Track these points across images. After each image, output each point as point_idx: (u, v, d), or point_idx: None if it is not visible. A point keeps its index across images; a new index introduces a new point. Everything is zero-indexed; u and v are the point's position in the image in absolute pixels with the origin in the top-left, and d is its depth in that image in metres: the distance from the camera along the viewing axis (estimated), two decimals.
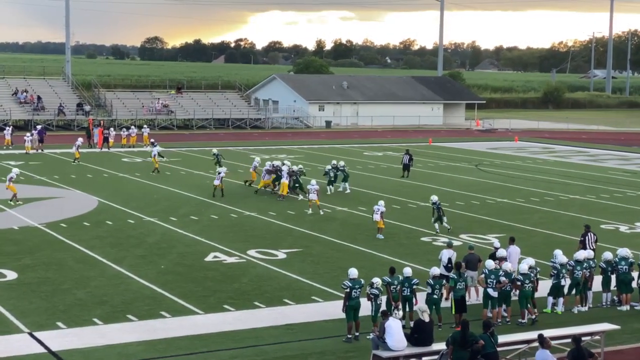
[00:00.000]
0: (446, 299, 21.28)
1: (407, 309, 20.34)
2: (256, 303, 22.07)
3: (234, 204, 36.65)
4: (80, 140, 51.55)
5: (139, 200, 37.31)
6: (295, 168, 40.23)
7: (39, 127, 60.51)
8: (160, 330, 19.84)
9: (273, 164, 40.47)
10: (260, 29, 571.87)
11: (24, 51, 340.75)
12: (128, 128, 64.99)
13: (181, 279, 24.28)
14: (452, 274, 21.00)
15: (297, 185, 39.36)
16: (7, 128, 60.77)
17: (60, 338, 19.09)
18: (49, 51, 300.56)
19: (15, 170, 36.97)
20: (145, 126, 65.39)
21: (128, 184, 42.24)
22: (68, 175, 43.80)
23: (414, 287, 20.43)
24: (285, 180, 38.32)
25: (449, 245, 23.59)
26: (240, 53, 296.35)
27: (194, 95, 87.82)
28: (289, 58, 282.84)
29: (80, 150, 50.67)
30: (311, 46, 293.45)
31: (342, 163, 41.72)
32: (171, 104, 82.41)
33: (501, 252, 22.61)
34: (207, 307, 21.61)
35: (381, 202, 31.55)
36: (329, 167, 41.07)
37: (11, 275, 24.23)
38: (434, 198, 31.93)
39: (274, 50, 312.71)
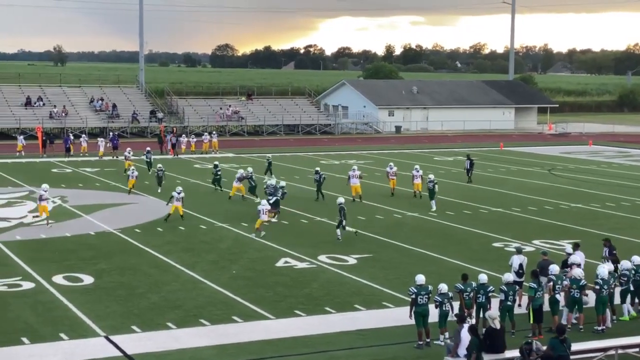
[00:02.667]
0: (519, 305, 21.01)
1: (482, 316, 20.09)
2: (327, 308, 22.12)
3: (304, 210, 36.79)
4: (129, 150, 50.26)
5: (211, 206, 37.73)
6: (245, 172, 39.99)
7: (111, 134, 61.76)
8: (232, 334, 20.03)
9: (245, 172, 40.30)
10: (329, 35, 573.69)
11: (99, 60, 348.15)
12: (200, 135, 65.82)
13: (252, 284, 24.47)
14: (531, 283, 20.47)
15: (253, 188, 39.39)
16: (83, 135, 62.11)
17: (135, 342, 19.42)
18: (123, 60, 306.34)
19: (45, 187, 34.14)
20: (213, 132, 66.09)
21: (200, 190, 42.73)
22: (142, 182, 44.54)
23: (490, 294, 20.18)
24: (236, 184, 39.12)
25: (519, 251, 23.26)
26: (309, 59, 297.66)
27: (264, 102, 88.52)
28: (359, 64, 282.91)
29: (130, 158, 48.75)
30: (380, 51, 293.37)
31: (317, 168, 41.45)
32: (242, 110, 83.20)
33: (574, 258, 22.23)
34: (278, 312, 21.73)
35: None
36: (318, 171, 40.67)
37: (88, 279, 24.74)
38: (340, 199, 31.50)
39: (343, 56, 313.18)
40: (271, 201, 33.53)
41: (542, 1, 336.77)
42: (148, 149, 48.63)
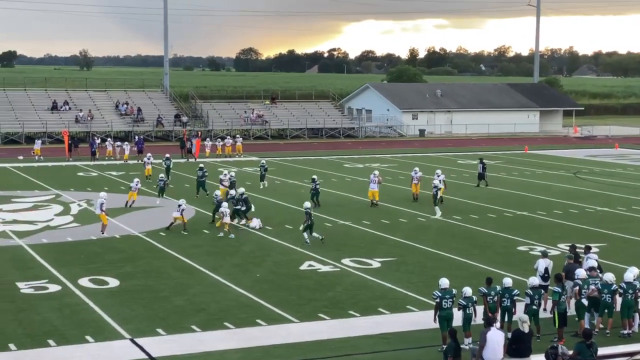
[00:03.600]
0: (544, 309, 20.90)
1: (506, 320, 20.00)
2: (351, 312, 22.11)
3: (328, 213, 36.81)
4: (149, 155, 49.57)
5: None
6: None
7: (136, 137, 62.19)
8: (257, 338, 20.07)
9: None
10: (353, 39, 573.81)
11: (124, 64, 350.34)
12: (223, 138, 66.08)
13: (276, 288, 24.51)
14: (555, 287, 20.32)
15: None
16: (109, 139, 62.55)
17: (160, 344, 19.51)
18: (148, 64, 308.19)
19: (103, 195, 33.18)
20: (238, 136, 66.33)
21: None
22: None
23: (515, 297, 20.09)
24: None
25: (545, 255, 23.11)
26: (333, 63, 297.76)
27: (288, 105, 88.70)
28: (382, 67, 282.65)
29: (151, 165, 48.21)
30: (404, 55, 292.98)
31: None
32: (266, 114, 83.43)
33: (590, 262, 21.97)
34: (302, 316, 21.76)
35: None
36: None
37: (113, 282, 24.90)
38: (307, 204, 31.43)
39: (367, 60, 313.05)
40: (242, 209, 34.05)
41: (567, 3, 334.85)
42: (167, 155, 48.62)
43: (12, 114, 74.77)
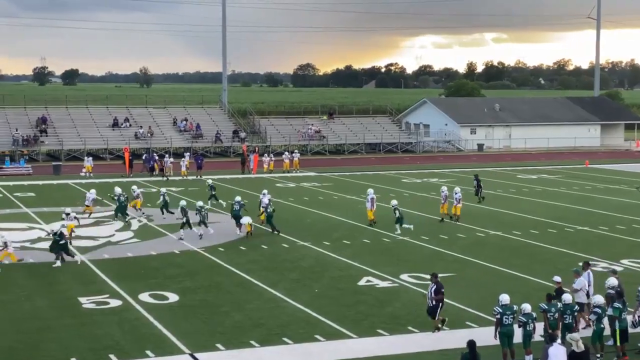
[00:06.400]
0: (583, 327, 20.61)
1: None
2: (410, 328, 21.96)
3: (387, 229, 36.69)
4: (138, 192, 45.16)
5: (293, 225, 37.91)
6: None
7: (187, 154, 62.84)
8: (316, 353, 20.05)
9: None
10: (411, 53, 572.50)
11: (183, 81, 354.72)
12: (281, 154, 66.43)
13: (335, 303, 24.47)
14: (615, 304, 19.89)
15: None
16: (166, 156, 63.28)
17: (219, 359, 19.59)
18: (207, 80, 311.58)
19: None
20: (295, 151, 66.62)
21: (282, 209, 42.98)
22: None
23: (576, 314, 19.72)
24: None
25: (614, 273, 22.58)
26: (390, 77, 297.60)
27: (345, 121, 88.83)
28: (440, 81, 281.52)
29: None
30: (462, 69, 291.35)
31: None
32: (323, 129, 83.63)
33: (611, 281, 21.30)
34: (361, 331, 21.67)
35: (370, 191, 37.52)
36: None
37: (173, 297, 25.12)
38: (394, 202, 34.93)
39: (424, 74, 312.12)
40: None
41: (628, 15, 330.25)
42: (209, 180, 46.37)
43: (75, 131, 76.17)
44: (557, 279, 21.86)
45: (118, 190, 39.57)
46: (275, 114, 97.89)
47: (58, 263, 29.41)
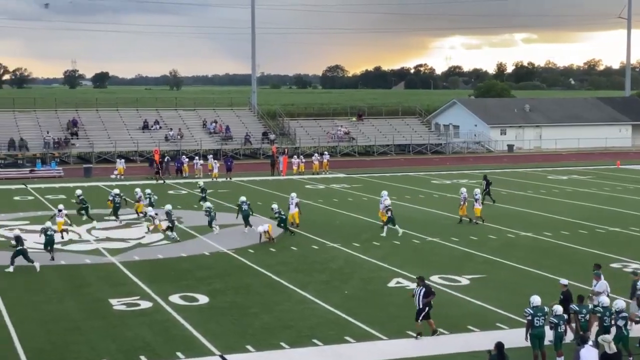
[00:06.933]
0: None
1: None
2: (440, 329, 21.85)
3: (416, 230, 36.58)
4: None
5: (322, 226, 37.91)
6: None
7: (210, 156, 63.02)
8: (346, 355, 20.02)
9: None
10: (440, 54, 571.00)
11: (212, 84, 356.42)
12: (310, 155, 66.46)
13: (365, 305, 24.42)
14: None
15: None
16: (196, 158, 63.55)
17: None
18: (236, 83, 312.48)
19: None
20: (325, 153, 66.62)
21: (311, 210, 43.02)
22: (254, 203, 45.16)
23: (612, 316, 19.47)
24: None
25: (635, 274, 22.33)
26: (419, 79, 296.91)
27: (374, 122, 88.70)
28: (469, 82, 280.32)
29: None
30: (492, 69, 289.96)
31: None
32: (352, 130, 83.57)
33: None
34: (391, 333, 21.61)
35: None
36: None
37: (203, 299, 25.21)
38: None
39: (453, 75, 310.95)
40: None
41: None
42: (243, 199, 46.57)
43: (105, 134, 76.73)
44: (564, 281, 21.71)
45: (115, 191, 40.67)
46: (304, 115, 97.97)
47: (11, 269, 28.84)
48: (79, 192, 41.51)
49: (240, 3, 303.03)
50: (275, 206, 36.46)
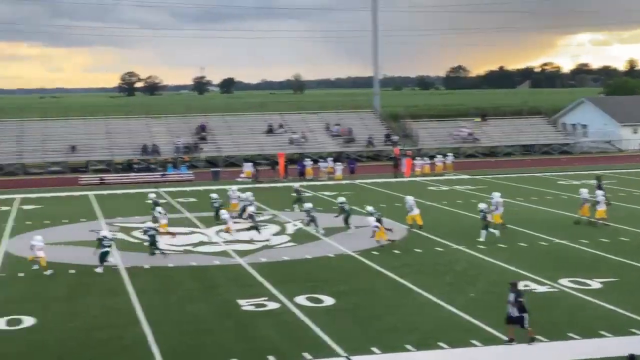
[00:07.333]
0: None
1: None
2: (570, 334, 21.34)
3: (543, 232, 35.82)
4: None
5: (446, 228, 37.61)
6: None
7: (330, 159, 63.33)
8: (473, 359, 19.79)
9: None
10: (567, 52, 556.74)
11: (335, 87, 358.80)
12: (433, 157, 66.06)
13: (491, 308, 24.04)
14: None
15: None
16: (321, 160, 64.11)
17: None
18: (358, 85, 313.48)
19: (371, 209, 36.27)
20: (448, 154, 66.02)
21: (435, 212, 42.74)
22: (377, 204, 45.21)
23: None
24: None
25: None
26: (545, 77, 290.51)
27: (498, 123, 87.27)
28: (598, 80, 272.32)
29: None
30: (622, 67, 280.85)
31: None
32: (476, 131, 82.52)
33: None
34: (519, 337, 21.16)
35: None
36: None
37: (328, 300, 25.41)
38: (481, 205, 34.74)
39: (581, 73, 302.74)
40: None
41: None
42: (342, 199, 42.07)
43: (232, 138, 78.37)
44: None
45: (214, 195, 42.34)
46: (427, 117, 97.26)
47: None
48: (151, 195, 43.82)
49: (362, 6, 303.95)
50: (370, 208, 36.32)
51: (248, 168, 62.18)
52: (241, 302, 25.37)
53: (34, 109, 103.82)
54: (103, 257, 30.38)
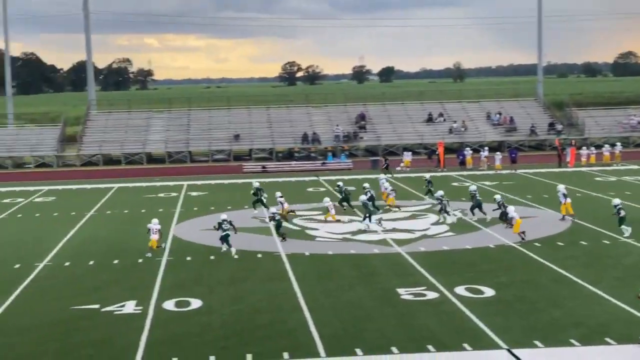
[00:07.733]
0: None
1: None
2: None
3: None
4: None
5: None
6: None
7: (486, 148, 62.15)
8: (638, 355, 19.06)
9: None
10: None
11: (496, 74, 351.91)
12: (600, 146, 63.80)
13: None
14: None
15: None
16: (483, 150, 63.17)
17: (539, 357, 19.23)
18: (520, 73, 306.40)
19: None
20: (617, 144, 63.58)
21: (601, 203, 41.26)
22: (540, 195, 44.14)
23: None
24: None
25: None
26: None
27: None
28: None
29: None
30: None
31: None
32: None
33: None
34: None
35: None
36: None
37: (489, 292, 25.06)
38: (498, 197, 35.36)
39: None
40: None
41: None
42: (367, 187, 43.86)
43: (391, 127, 78.43)
44: None
45: (366, 185, 41.72)
46: (593, 105, 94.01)
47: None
48: (256, 184, 43.62)
49: None
50: (498, 197, 36.79)
51: (407, 157, 62.12)
52: (400, 290, 25.41)
53: (200, 98, 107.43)
54: (225, 239, 31.98)
